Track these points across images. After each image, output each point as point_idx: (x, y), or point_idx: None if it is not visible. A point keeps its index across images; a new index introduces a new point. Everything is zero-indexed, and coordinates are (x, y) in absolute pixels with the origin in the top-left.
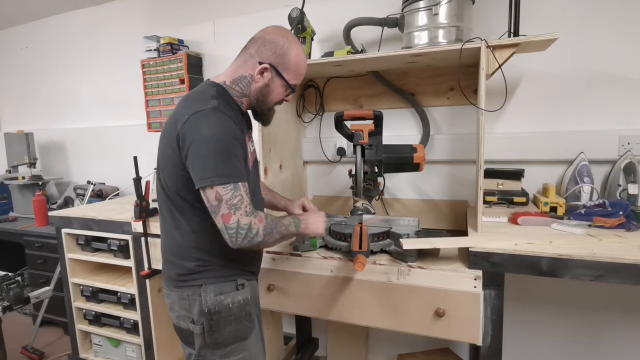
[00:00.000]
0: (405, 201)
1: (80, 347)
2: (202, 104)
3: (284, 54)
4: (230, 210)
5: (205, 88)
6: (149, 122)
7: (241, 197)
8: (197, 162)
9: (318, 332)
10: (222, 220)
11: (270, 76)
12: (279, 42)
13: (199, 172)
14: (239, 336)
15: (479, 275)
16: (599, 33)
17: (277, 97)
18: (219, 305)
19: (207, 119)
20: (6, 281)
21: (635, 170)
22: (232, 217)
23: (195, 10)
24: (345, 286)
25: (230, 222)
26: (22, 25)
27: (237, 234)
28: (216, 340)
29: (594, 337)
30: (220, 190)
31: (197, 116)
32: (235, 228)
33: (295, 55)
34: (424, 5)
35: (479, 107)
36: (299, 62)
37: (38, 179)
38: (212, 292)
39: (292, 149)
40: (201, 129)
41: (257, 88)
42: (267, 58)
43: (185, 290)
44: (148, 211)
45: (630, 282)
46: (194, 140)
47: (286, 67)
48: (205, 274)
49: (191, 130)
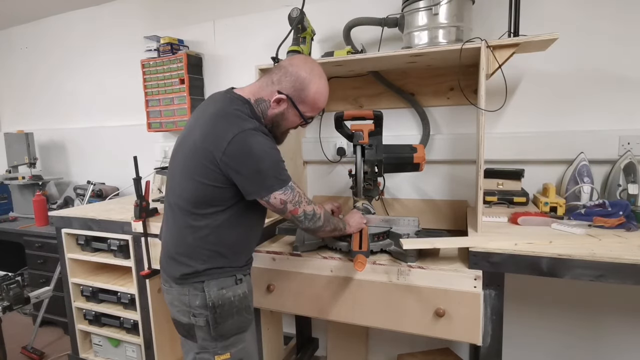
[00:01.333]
0: (405, 201)
1: (80, 347)
2: (243, 123)
3: (302, 88)
4: (295, 206)
5: (239, 105)
6: (149, 122)
7: (299, 193)
8: (256, 177)
9: (318, 332)
10: (290, 215)
11: (285, 106)
12: (300, 76)
13: (260, 186)
14: (240, 327)
15: (479, 275)
16: (599, 33)
17: (291, 125)
18: (222, 299)
19: (254, 138)
20: (6, 281)
21: (635, 170)
22: (299, 210)
23: (195, 10)
24: (345, 286)
25: (298, 213)
26: (22, 25)
27: (305, 219)
28: (220, 332)
29: (594, 336)
30: (282, 197)
31: (244, 135)
32: (302, 216)
33: (314, 91)
34: (424, 5)
35: (479, 107)
36: (317, 98)
37: (38, 179)
38: (214, 286)
39: (292, 149)
40: (252, 148)
41: (272, 114)
42: (286, 89)
43: (187, 287)
44: (148, 211)
45: (630, 282)
46: (247, 160)
47: (303, 101)
48: (208, 272)
49: (240, 149)
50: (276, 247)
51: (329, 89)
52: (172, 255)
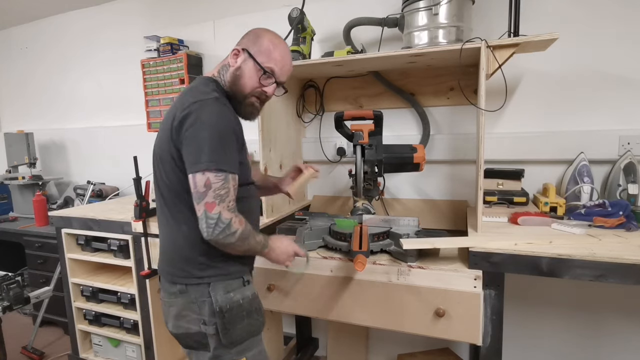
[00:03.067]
0: (405, 201)
1: (80, 347)
2: (204, 94)
3: (257, 38)
4: (216, 199)
5: (204, 81)
6: (149, 122)
7: (228, 190)
8: (192, 146)
9: (318, 332)
10: (204, 208)
11: (242, 59)
12: (256, 32)
13: (194, 156)
14: (252, 331)
15: (479, 275)
16: (599, 33)
17: (250, 83)
18: (229, 303)
19: (209, 107)
20: (6, 281)
21: (635, 170)
22: (216, 207)
23: (195, 10)
24: (345, 286)
25: (212, 211)
26: (22, 25)
27: (216, 225)
28: (231, 339)
29: (594, 336)
30: (211, 178)
31: (199, 104)
32: (215, 219)
33: (269, 40)
34: (424, 5)
35: (479, 107)
36: (273, 46)
37: (38, 179)
38: (221, 290)
39: (292, 149)
40: (202, 115)
41: (231, 72)
42: (243, 44)
43: (193, 293)
44: (148, 211)
45: (630, 282)
46: (193, 125)
47: (259, 50)
48: (211, 271)
49: (192, 115)
50: None
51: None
52: (172, 258)
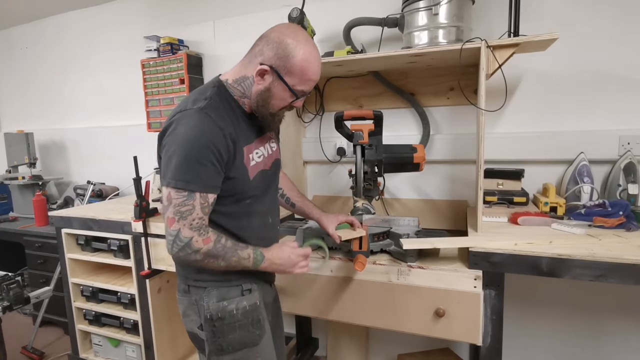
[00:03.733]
0: (405, 201)
1: (80, 347)
2: (192, 103)
3: (287, 55)
4: (175, 216)
5: (208, 86)
6: (149, 122)
7: (192, 208)
8: (164, 159)
9: (318, 332)
10: (166, 222)
11: (271, 79)
12: (283, 42)
13: (163, 170)
14: (246, 343)
15: (479, 275)
16: (599, 33)
17: (280, 104)
18: (221, 312)
19: (187, 119)
20: (6, 281)
21: (635, 170)
22: (175, 224)
23: (195, 10)
24: (346, 286)
25: (171, 227)
26: (22, 25)
27: (175, 243)
28: (220, 347)
29: (594, 336)
30: (172, 193)
31: (181, 115)
32: (173, 236)
33: (301, 58)
34: (424, 5)
35: (479, 107)
36: (305, 67)
37: (38, 179)
38: (214, 297)
39: (292, 149)
40: (177, 129)
41: (257, 91)
42: (269, 59)
43: (193, 294)
44: (148, 211)
45: (630, 282)
46: (168, 138)
47: (289, 71)
48: (207, 275)
49: (170, 128)
50: None
51: (319, 57)
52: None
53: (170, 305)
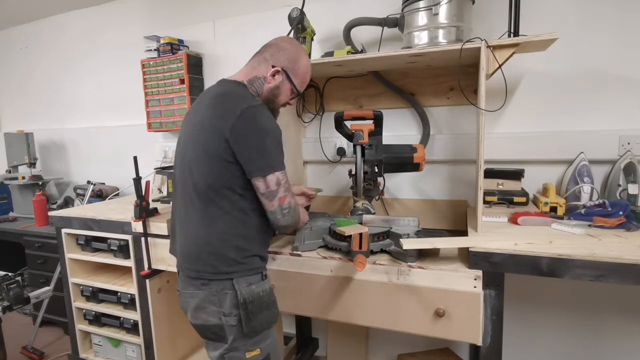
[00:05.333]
0: (405, 201)
1: (80, 347)
2: (251, 100)
3: (295, 61)
4: (286, 192)
5: (238, 87)
6: (149, 122)
7: (288, 182)
8: (260, 151)
9: (318, 332)
10: (278, 202)
11: (281, 79)
12: (291, 50)
13: (264, 161)
14: (270, 322)
15: (479, 275)
16: (599, 33)
17: (284, 99)
18: (252, 295)
19: (262, 113)
20: (6, 281)
21: (635, 170)
22: (287, 198)
23: (195, 10)
24: (345, 286)
25: (285, 203)
26: (22, 25)
27: (289, 212)
28: (252, 328)
29: (594, 336)
30: (280, 177)
31: (254, 110)
32: (287, 207)
33: (304, 64)
34: (424, 5)
35: (479, 107)
36: (306, 71)
37: (38, 179)
38: (244, 283)
39: (292, 149)
40: (259, 122)
41: (268, 88)
42: (281, 63)
43: (214, 286)
44: (148, 211)
45: (630, 282)
46: (255, 132)
47: (296, 73)
48: (238, 267)
49: (249, 123)
50: (276, 247)
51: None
52: (197, 253)
53: (170, 305)
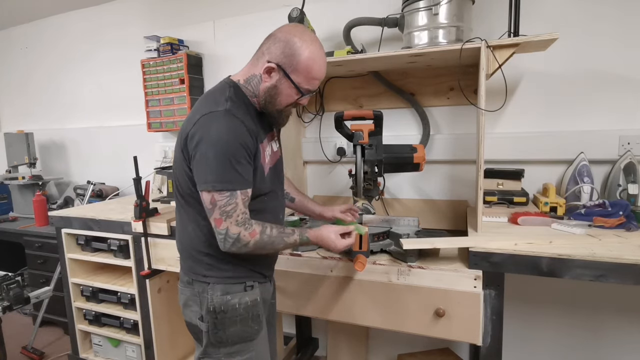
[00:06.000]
0: (405, 201)
1: (80, 347)
2: (215, 105)
3: (293, 54)
4: (222, 216)
5: (223, 87)
6: (149, 122)
7: (235, 206)
8: (201, 164)
9: (318, 332)
10: (214, 224)
11: (277, 77)
12: (290, 41)
13: (202, 175)
14: (244, 337)
15: (479, 275)
16: (599, 33)
17: (286, 100)
18: (224, 305)
19: (217, 122)
20: (6, 281)
21: (635, 170)
22: (223, 223)
23: (195, 10)
24: (346, 286)
25: (220, 227)
26: (22, 25)
27: (225, 240)
28: (220, 339)
29: (594, 336)
30: (216, 196)
31: (208, 118)
32: (223, 234)
33: (307, 56)
34: (424, 5)
35: (479, 107)
36: (310, 65)
37: (38, 179)
38: (219, 291)
39: (292, 149)
40: (209, 131)
41: (265, 88)
42: (276, 57)
43: (197, 287)
44: (148, 211)
45: (630, 282)
46: (201, 142)
47: (295, 69)
48: (214, 272)
49: (199, 132)
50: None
51: (325, 57)
52: (180, 251)
53: (170, 305)
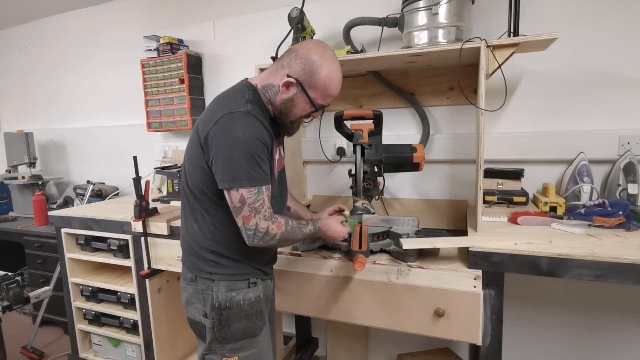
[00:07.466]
0: (405, 201)
1: (80, 347)
2: (237, 106)
3: (313, 72)
4: (252, 213)
5: (242, 89)
6: (149, 122)
7: (263, 202)
8: (226, 163)
9: (318, 332)
10: (242, 221)
11: (295, 91)
12: (311, 59)
13: (227, 174)
14: (249, 333)
15: (479, 275)
16: (599, 33)
17: (300, 113)
18: (229, 302)
19: (240, 121)
20: (6, 281)
21: (635, 170)
22: (252, 219)
23: (195, 10)
24: (345, 286)
25: (250, 224)
26: (22, 25)
27: (255, 235)
28: (225, 335)
29: (594, 336)
30: (245, 194)
31: (230, 117)
32: (253, 230)
33: (325, 76)
34: (424, 5)
35: (479, 107)
36: (328, 84)
37: (38, 179)
38: (224, 287)
39: (292, 149)
40: (233, 131)
41: (282, 100)
42: (296, 73)
43: (200, 284)
44: (148, 211)
45: (630, 282)
46: (225, 142)
47: (313, 86)
48: (219, 269)
49: (223, 131)
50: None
51: (342, 76)
52: (185, 248)
53: (170, 305)
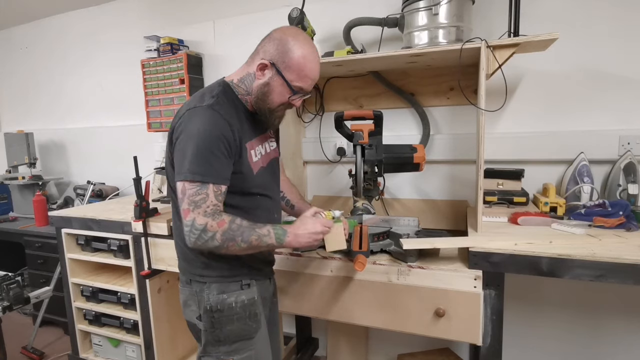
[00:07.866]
0: (405, 201)
1: (80, 347)
2: (200, 101)
3: (286, 51)
4: (190, 206)
5: (213, 86)
6: (149, 122)
7: (205, 196)
8: (178, 155)
9: (318, 332)
10: (182, 215)
11: (270, 74)
12: (283, 39)
13: (178, 166)
14: (243, 335)
15: (479, 275)
16: (598, 33)
17: (278, 98)
18: (220, 304)
19: (198, 116)
20: (6, 281)
21: (635, 170)
22: (190, 214)
23: (195, 10)
24: (345, 286)
25: (187, 218)
26: (22, 25)
27: (191, 232)
28: (218, 338)
29: (594, 336)
30: (186, 185)
31: (192, 112)
32: (189, 226)
33: (300, 55)
34: (424, 5)
35: (479, 107)
36: (303, 63)
37: (38, 179)
38: (215, 290)
39: (292, 149)
40: (189, 125)
41: (258, 85)
42: (270, 55)
43: (194, 286)
44: (148, 211)
45: (630, 282)
46: (181, 135)
47: (288, 66)
48: (210, 272)
49: (182, 125)
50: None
51: (318, 58)
52: (177, 250)
53: (170, 305)
